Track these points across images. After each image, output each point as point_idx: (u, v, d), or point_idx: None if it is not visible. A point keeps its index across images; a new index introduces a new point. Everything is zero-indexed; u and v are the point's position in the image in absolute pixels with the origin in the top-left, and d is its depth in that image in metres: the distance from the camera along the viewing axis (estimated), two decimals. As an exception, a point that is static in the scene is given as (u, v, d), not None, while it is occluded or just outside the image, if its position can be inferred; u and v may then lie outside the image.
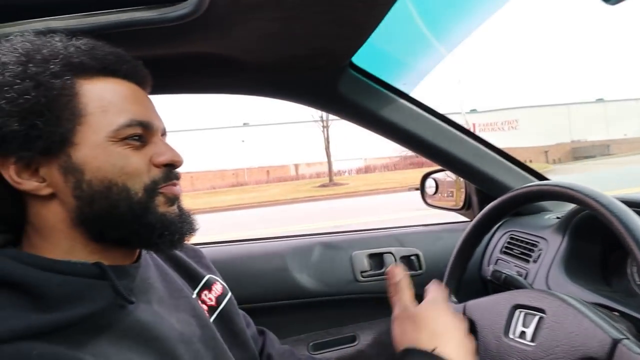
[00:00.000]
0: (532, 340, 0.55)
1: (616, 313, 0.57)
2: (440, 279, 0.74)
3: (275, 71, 0.81)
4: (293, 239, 1.10)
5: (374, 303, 1.04)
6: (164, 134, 0.50)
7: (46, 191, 0.43)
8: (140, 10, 0.60)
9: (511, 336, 0.58)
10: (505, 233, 0.98)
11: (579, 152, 23.72)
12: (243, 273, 0.97)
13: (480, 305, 0.67)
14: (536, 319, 0.56)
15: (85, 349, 0.39)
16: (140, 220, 0.45)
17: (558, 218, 0.86)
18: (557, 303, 0.54)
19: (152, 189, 0.45)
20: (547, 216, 0.94)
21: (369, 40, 0.72)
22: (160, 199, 0.46)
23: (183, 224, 0.48)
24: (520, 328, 0.58)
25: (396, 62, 0.93)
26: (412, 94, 0.89)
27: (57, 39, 0.45)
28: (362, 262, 1.02)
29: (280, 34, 0.66)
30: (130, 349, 0.42)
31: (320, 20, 0.63)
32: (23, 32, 0.47)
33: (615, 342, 0.44)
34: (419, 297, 1.02)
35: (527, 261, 0.86)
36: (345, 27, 0.66)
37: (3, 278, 0.39)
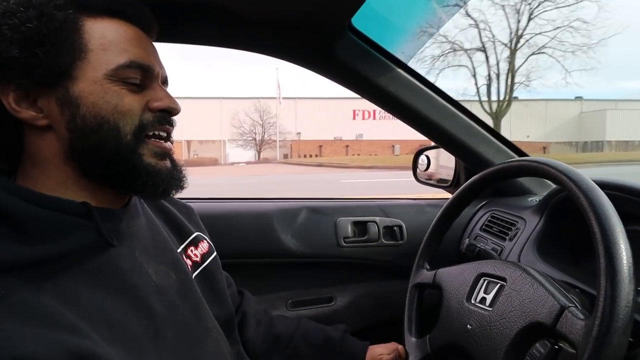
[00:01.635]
0: (490, 305, 0.57)
1: (577, 290, 0.59)
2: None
3: (274, 28, 0.80)
4: (281, 201, 1.12)
5: (353, 268, 1.07)
6: (165, 82, 0.51)
7: (43, 122, 0.44)
8: None
9: (472, 301, 0.61)
10: (487, 212, 1.00)
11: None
12: (229, 229, 0.99)
13: (450, 273, 0.70)
14: (497, 286, 0.59)
15: (59, 287, 0.40)
16: (126, 163, 0.46)
17: (539, 201, 0.88)
18: (518, 273, 0.56)
19: (140, 133, 0.46)
20: (530, 198, 0.95)
21: (370, 3, 0.71)
22: (148, 149, 0.47)
23: (171, 179, 0.49)
24: (481, 294, 0.60)
25: (396, 28, 0.92)
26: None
27: None
28: (346, 228, 1.05)
29: None
30: (107, 294, 0.43)
31: None
32: None
33: (563, 309, 0.46)
34: (399, 266, 1.06)
35: (504, 239, 0.88)
36: None
37: None
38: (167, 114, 0.49)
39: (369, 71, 0.87)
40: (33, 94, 0.44)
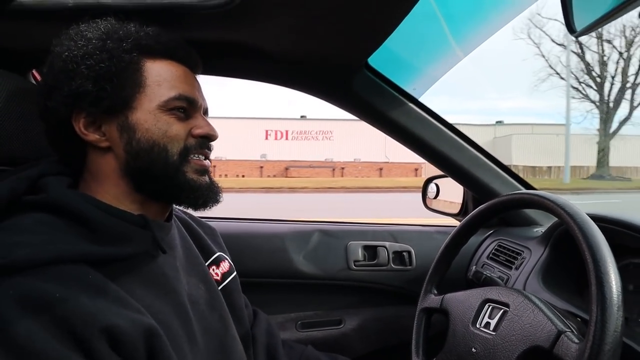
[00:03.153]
0: (494, 330, 0.61)
1: (578, 318, 0.62)
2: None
3: (296, 64, 0.87)
4: (294, 224, 1.17)
5: (363, 292, 1.10)
6: (205, 112, 0.59)
7: (105, 144, 0.52)
8: None
9: (477, 326, 0.64)
10: (494, 241, 1.03)
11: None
12: (244, 248, 1.04)
13: (456, 298, 0.73)
14: (501, 312, 0.62)
15: (120, 283, 0.47)
16: (172, 180, 0.53)
17: (544, 232, 0.91)
18: (521, 299, 0.60)
19: (185, 155, 0.54)
20: (535, 229, 0.99)
21: (386, 44, 0.78)
22: (190, 167, 0.54)
23: (209, 192, 0.56)
24: (486, 319, 0.64)
25: (409, 66, 0.99)
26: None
27: (132, 24, 0.55)
28: (357, 252, 1.09)
29: (304, 30, 0.73)
30: (155, 296, 0.50)
31: (341, 22, 0.69)
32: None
33: (560, 334, 0.49)
34: (408, 290, 1.08)
35: (510, 268, 0.91)
36: (364, 30, 0.72)
37: (71, 210, 0.47)
38: (206, 140, 0.56)
39: (382, 105, 0.93)
40: (99, 121, 0.52)
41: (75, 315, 0.40)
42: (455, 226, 1.15)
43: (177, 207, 0.62)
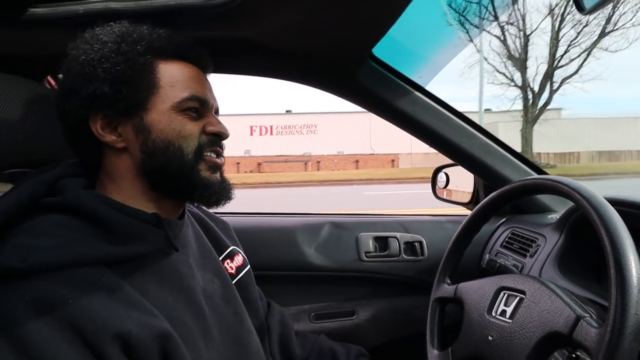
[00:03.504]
0: (510, 317, 0.60)
1: (597, 305, 0.61)
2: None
3: (300, 59, 0.87)
4: (305, 217, 1.18)
5: (375, 283, 1.10)
6: (216, 111, 0.60)
7: (121, 145, 0.53)
8: None
9: (493, 314, 0.63)
10: (507, 229, 1.02)
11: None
12: (257, 242, 1.05)
13: (471, 287, 0.72)
14: (517, 299, 0.61)
15: (134, 282, 0.48)
16: (187, 178, 0.54)
17: (559, 218, 0.90)
18: (537, 285, 0.59)
19: (199, 153, 0.55)
20: (550, 216, 0.97)
21: (390, 33, 0.77)
22: (204, 165, 0.55)
23: (221, 190, 0.57)
24: (502, 307, 0.63)
25: (414, 55, 0.98)
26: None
27: (145, 27, 0.56)
28: (368, 243, 1.09)
29: (306, 24, 0.72)
30: (169, 293, 0.51)
31: (343, 14, 0.68)
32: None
33: (579, 319, 0.49)
34: (420, 281, 1.08)
35: (525, 255, 0.90)
36: (366, 21, 0.71)
37: (86, 210, 0.48)
38: (218, 138, 0.57)
39: (389, 95, 0.92)
40: (115, 122, 0.53)
41: (88, 320, 0.41)
42: (467, 215, 1.15)
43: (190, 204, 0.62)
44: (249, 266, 0.72)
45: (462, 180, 1.21)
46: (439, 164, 1.28)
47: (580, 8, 0.40)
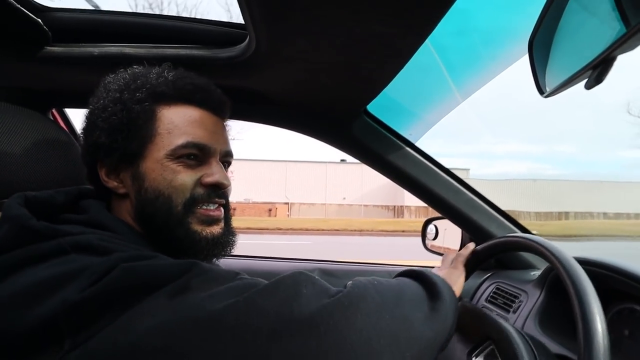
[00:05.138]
0: None
1: None
2: None
3: (300, 110, 0.94)
4: (297, 262, 1.19)
5: None
6: (227, 155, 0.57)
7: (122, 190, 0.54)
8: (196, 48, 0.75)
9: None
10: (493, 283, 1.03)
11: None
12: None
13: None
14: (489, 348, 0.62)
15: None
16: (173, 232, 0.52)
17: (539, 275, 0.92)
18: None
19: (190, 205, 0.52)
20: (532, 272, 0.99)
21: (385, 92, 0.84)
22: (196, 217, 0.53)
23: (213, 246, 0.54)
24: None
25: (406, 112, 1.05)
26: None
27: (154, 70, 0.56)
28: None
29: (308, 81, 0.79)
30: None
31: (342, 75, 0.76)
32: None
33: None
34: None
35: (508, 311, 0.91)
36: (362, 81, 0.78)
37: (113, 230, 0.49)
38: (217, 189, 0.54)
39: (380, 149, 0.98)
40: (117, 169, 0.54)
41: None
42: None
43: None
44: None
45: (450, 233, 1.25)
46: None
47: (541, 91, 0.46)
